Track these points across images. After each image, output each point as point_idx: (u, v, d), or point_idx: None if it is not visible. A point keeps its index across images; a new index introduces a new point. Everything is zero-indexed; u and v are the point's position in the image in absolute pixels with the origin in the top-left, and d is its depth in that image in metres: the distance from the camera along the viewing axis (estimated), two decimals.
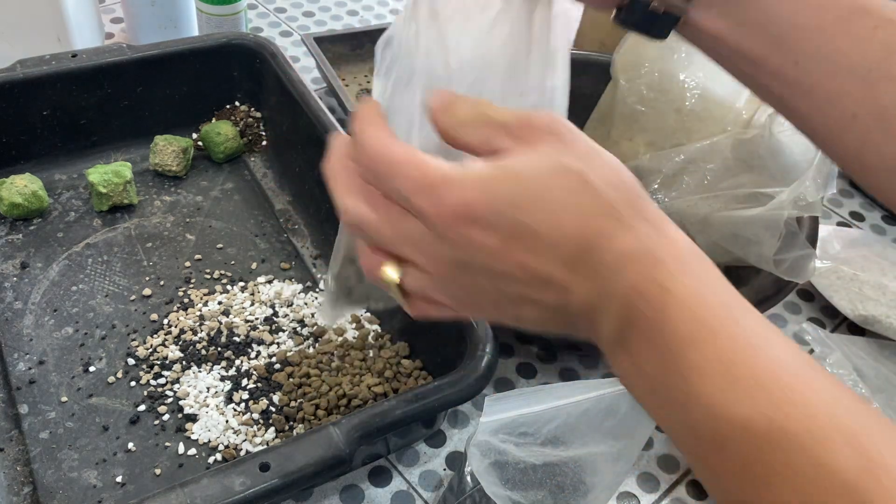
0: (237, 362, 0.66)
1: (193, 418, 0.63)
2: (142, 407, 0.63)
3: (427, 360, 0.67)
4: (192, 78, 0.84)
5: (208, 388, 0.64)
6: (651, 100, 0.78)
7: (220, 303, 0.71)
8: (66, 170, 0.81)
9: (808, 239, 0.68)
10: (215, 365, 0.66)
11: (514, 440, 0.53)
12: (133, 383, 0.64)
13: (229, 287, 0.73)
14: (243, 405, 0.64)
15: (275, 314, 0.71)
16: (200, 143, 0.85)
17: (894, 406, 0.70)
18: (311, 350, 0.68)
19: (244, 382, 0.65)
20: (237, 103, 0.88)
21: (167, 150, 0.80)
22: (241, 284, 0.73)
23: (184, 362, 0.66)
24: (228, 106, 0.88)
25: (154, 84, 0.82)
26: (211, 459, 0.61)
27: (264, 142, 0.87)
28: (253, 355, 0.67)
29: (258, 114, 0.88)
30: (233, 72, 0.86)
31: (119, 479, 0.58)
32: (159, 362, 0.66)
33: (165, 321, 0.69)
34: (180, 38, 0.85)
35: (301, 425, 0.62)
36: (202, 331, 0.68)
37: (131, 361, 0.66)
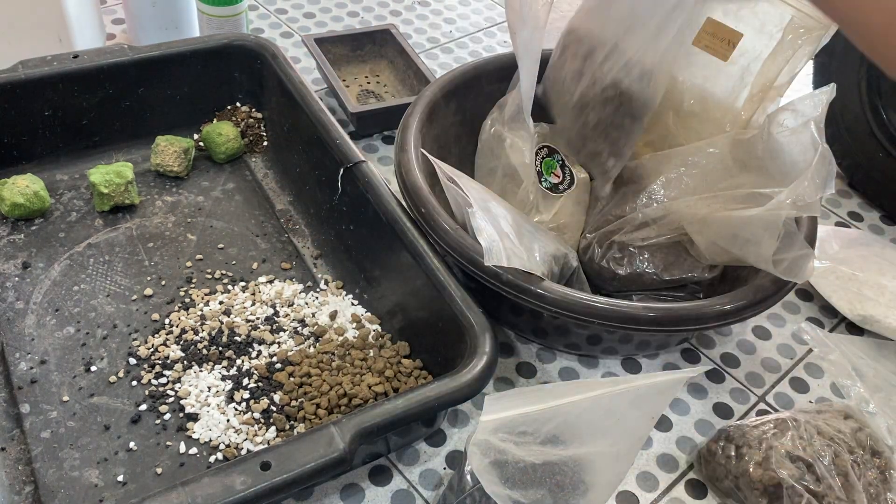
0: (238, 362, 0.67)
1: (194, 417, 0.63)
2: (143, 406, 0.63)
3: (427, 360, 0.67)
4: (194, 79, 0.84)
5: (209, 388, 0.65)
6: None
7: (222, 302, 0.71)
8: (68, 170, 0.81)
9: (807, 239, 0.69)
10: (216, 364, 0.66)
11: (514, 439, 0.53)
12: (134, 383, 0.65)
13: (230, 287, 0.73)
14: (244, 404, 0.64)
15: (276, 314, 0.71)
16: (202, 144, 0.85)
17: (893, 405, 0.70)
18: (312, 349, 0.68)
19: (245, 382, 0.65)
20: (238, 104, 0.88)
21: (168, 151, 0.81)
22: (242, 284, 0.73)
23: (185, 362, 0.66)
24: (229, 107, 0.88)
25: (155, 85, 0.83)
26: (212, 458, 0.61)
27: (265, 142, 0.87)
28: (254, 355, 0.67)
29: (259, 114, 0.88)
30: (234, 73, 0.86)
31: (120, 479, 0.59)
32: (160, 362, 0.66)
33: (167, 321, 0.69)
34: (181, 39, 0.85)
35: (302, 424, 0.62)
36: (203, 330, 0.68)
37: (133, 361, 0.66)
